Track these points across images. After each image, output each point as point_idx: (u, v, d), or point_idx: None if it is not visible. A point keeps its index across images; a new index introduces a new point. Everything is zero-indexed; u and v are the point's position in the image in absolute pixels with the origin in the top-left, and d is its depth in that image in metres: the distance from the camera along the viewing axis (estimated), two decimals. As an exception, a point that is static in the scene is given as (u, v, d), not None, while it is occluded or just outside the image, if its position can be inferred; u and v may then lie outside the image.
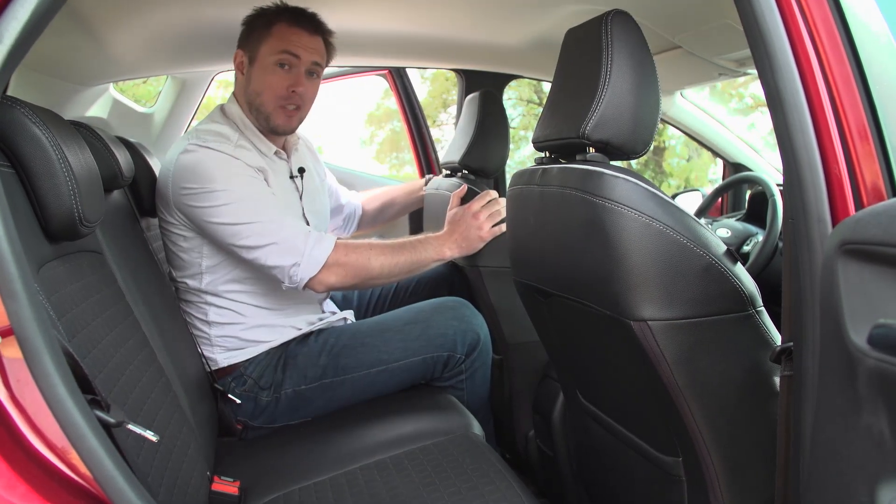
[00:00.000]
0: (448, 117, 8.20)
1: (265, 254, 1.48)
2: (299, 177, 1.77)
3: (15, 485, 0.74)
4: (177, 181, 1.52)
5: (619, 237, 1.03)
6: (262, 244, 1.47)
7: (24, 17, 0.74)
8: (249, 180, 1.52)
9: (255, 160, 1.59)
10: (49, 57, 1.68)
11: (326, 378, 1.62)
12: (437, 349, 1.67)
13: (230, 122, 1.64)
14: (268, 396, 1.60)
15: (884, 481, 0.65)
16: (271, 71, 1.61)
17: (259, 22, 1.61)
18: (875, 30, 0.88)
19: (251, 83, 1.63)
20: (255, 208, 1.49)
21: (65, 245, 1.02)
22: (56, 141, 0.94)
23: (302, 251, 1.48)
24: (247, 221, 1.47)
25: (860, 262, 0.69)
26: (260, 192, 1.52)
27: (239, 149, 1.57)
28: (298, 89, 1.62)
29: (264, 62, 1.61)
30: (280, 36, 1.59)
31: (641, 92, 1.11)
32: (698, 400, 1.07)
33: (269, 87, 1.61)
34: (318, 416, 1.63)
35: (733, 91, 6.42)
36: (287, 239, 1.48)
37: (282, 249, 1.48)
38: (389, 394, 1.70)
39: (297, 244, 1.48)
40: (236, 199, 1.48)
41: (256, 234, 1.47)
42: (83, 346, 0.93)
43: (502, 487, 1.19)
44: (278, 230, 1.48)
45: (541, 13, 1.80)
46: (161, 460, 1.01)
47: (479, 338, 1.73)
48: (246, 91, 1.64)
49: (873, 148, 0.84)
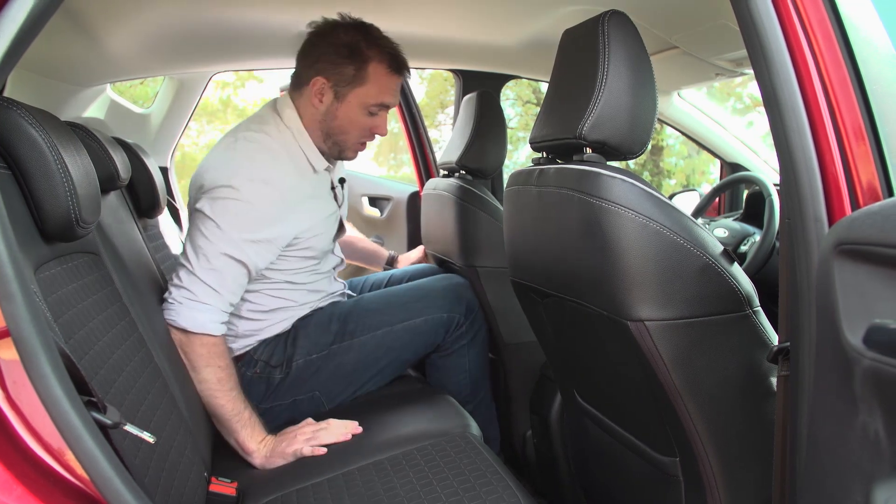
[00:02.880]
0: (446, 118, 8.22)
1: (179, 271, 1.45)
2: (340, 187, 1.76)
3: (11, 487, 0.73)
4: (208, 182, 1.46)
5: (616, 237, 1.03)
6: (184, 263, 1.44)
7: (21, 19, 0.74)
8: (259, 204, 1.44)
9: (293, 174, 1.53)
10: (46, 58, 1.68)
11: (335, 344, 1.64)
12: (438, 310, 1.72)
13: (285, 128, 1.57)
14: (280, 373, 1.62)
15: (879, 481, 0.65)
16: (363, 115, 1.57)
17: (349, 52, 1.53)
18: (871, 30, 0.88)
19: (336, 119, 1.57)
20: (223, 233, 1.42)
21: (61, 246, 1.02)
22: (52, 142, 0.93)
23: (190, 298, 1.42)
24: (205, 235, 1.42)
25: (856, 262, 0.69)
26: (248, 226, 1.44)
27: (280, 160, 1.51)
28: (383, 134, 1.62)
29: (358, 103, 1.56)
30: (380, 84, 1.55)
31: (638, 92, 1.12)
32: (695, 400, 1.07)
33: (358, 129, 1.59)
34: (324, 389, 1.64)
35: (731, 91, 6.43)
36: (198, 283, 1.42)
37: (184, 280, 1.42)
38: (392, 376, 1.74)
39: (197, 290, 1.42)
40: (235, 210, 1.43)
41: (194, 252, 1.43)
42: (80, 347, 0.93)
43: (499, 488, 1.19)
44: (206, 269, 1.42)
45: (538, 14, 1.80)
46: (158, 461, 1.01)
47: (475, 302, 1.79)
48: (325, 121, 1.58)
49: (869, 148, 0.84)
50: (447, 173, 2.14)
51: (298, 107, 1.58)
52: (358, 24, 1.56)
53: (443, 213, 2.01)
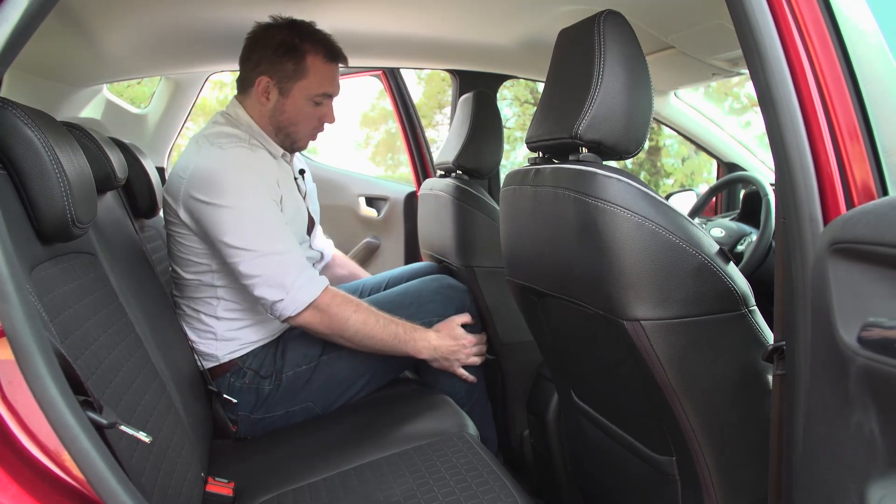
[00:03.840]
0: (444, 118, 8.22)
1: (254, 284, 1.49)
2: (301, 178, 1.80)
3: (7, 486, 0.73)
4: (190, 188, 1.51)
5: (612, 237, 1.04)
6: (253, 274, 1.48)
7: (15, 19, 0.74)
8: (260, 200, 1.51)
9: (271, 163, 1.60)
10: (42, 58, 1.67)
11: (325, 354, 1.64)
12: (429, 314, 1.72)
13: (238, 126, 1.64)
14: (270, 384, 1.62)
15: (873, 479, 0.66)
16: (309, 106, 1.65)
17: (286, 50, 1.61)
18: (865, 30, 0.88)
19: (285, 113, 1.65)
20: (256, 234, 1.48)
21: (58, 246, 1.01)
22: (48, 142, 0.93)
23: (288, 289, 1.48)
24: (244, 248, 1.47)
25: (850, 261, 0.70)
26: (266, 216, 1.51)
27: (255, 147, 1.58)
28: (331, 122, 1.71)
29: (302, 97, 1.64)
30: (318, 75, 1.63)
31: (634, 92, 1.12)
32: (691, 399, 1.07)
33: (306, 121, 1.67)
34: (317, 399, 1.64)
35: (729, 91, 6.44)
36: (277, 274, 1.48)
37: (270, 283, 1.48)
38: (386, 381, 1.73)
39: (286, 281, 1.48)
40: (240, 222, 1.48)
41: (250, 263, 1.48)
42: (76, 347, 0.93)
43: (496, 487, 1.19)
44: (271, 263, 1.48)
45: (534, 13, 1.80)
46: (155, 461, 1.01)
47: (466, 301, 1.80)
48: (274, 117, 1.66)
49: (864, 148, 0.84)
50: (444, 173, 2.14)
51: (247, 108, 1.67)
52: (290, 22, 1.64)
53: (439, 213, 2.01)
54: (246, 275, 1.49)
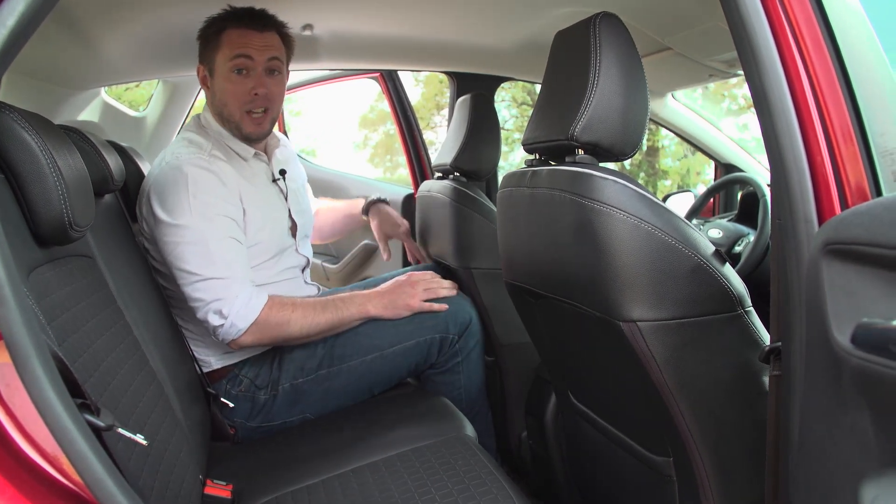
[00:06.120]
0: (442, 119, 8.21)
1: (196, 307, 1.49)
2: (282, 179, 1.76)
3: (4, 489, 0.73)
4: (147, 201, 1.52)
5: (609, 238, 1.04)
6: (194, 297, 1.48)
7: (12, 23, 0.74)
8: (210, 219, 1.49)
9: (230, 172, 1.57)
10: (40, 61, 1.67)
11: (323, 369, 1.62)
12: (429, 331, 1.68)
13: (204, 132, 1.64)
14: (265, 395, 1.60)
15: (868, 478, 0.66)
16: (230, 79, 1.60)
17: (210, 32, 1.61)
18: (858, 31, 0.89)
19: (216, 95, 1.63)
20: (195, 256, 1.47)
21: (55, 249, 1.02)
22: (45, 145, 0.93)
23: (226, 315, 1.47)
24: (185, 270, 1.48)
25: (844, 261, 0.70)
26: (210, 236, 1.49)
27: (213, 159, 1.55)
28: (260, 91, 1.60)
29: (222, 71, 1.60)
30: (230, 42, 1.58)
31: (630, 94, 1.12)
32: (688, 400, 1.07)
33: (232, 96, 1.60)
34: (315, 411, 1.63)
35: (726, 92, 6.45)
36: (216, 301, 1.47)
37: (212, 309, 1.48)
38: (385, 390, 1.71)
39: (223, 308, 1.47)
40: (189, 243, 1.47)
41: (190, 287, 1.48)
42: (73, 350, 0.93)
43: (495, 489, 1.19)
44: (210, 288, 1.47)
45: (530, 16, 1.80)
46: (152, 464, 1.01)
47: (470, 317, 1.74)
48: (213, 104, 1.65)
49: (857, 149, 0.85)
50: (442, 175, 2.14)
51: (209, 107, 1.68)
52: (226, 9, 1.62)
53: (437, 214, 2.01)
54: (189, 297, 1.49)
